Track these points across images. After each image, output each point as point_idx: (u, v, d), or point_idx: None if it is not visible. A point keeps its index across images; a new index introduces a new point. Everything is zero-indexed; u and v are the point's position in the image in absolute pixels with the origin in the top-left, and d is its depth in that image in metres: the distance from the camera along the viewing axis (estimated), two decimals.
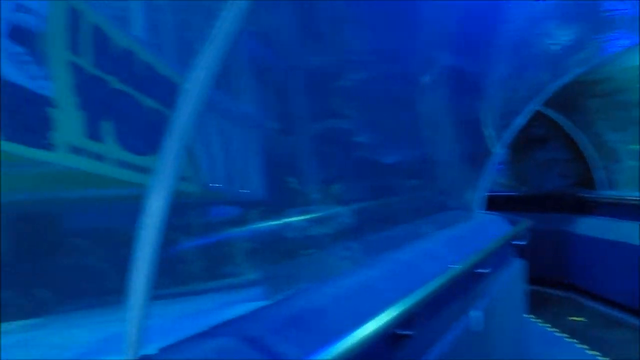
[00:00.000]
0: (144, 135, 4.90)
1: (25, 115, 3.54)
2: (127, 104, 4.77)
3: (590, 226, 13.96)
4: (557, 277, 14.71)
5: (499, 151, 9.99)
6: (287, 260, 4.17)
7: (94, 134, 4.20)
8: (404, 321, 3.21)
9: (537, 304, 11.74)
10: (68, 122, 3.90)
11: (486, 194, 9.71)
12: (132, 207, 7.19)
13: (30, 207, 6.29)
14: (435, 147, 7.95)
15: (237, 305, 3.28)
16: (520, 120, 11.17)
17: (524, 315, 9.37)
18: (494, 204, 11.05)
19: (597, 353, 10.23)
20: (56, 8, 3.94)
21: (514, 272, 8.53)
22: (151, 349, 2.56)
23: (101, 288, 7.07)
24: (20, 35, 3.63)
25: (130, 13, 6.00)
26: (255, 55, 7.97)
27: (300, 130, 5.83)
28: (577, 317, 12.63)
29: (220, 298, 4.57)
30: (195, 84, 2.63)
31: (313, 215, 4.62)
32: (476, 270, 5.67)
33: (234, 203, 5.48)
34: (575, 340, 11.04)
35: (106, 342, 3.59)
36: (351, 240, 4.83)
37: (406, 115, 7.05)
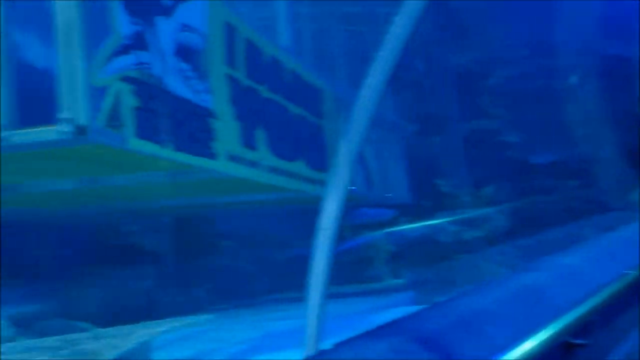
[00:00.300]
0: (292, 142, 5.10)
1: (190, 127, 3.85)
2: (276, 112, 5.00)
3: None
4: None
5: None
6: (439, 264, 4.08)
7: (248, 143, 4.46)
8: (579, 330, 2.95)
9: None
10: (226, 131, 4.18)
11: None
12: (279, 210, 7.51)
13: (188, 211, 6.86)
14: (594, 144, 7.29)
15: (393, 307, 3.26)
16: None
17: None
18: None
19: None
20: (215, 25, 4.25)
21: None
22: (327, 345, 2.63)
23: (249, 289, 7.47)
24: (185, 53, 3.96)
25: (276, 23, 6.29)
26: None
27: (447, 131, 5.68)
28: None
29: (373, 300, 4.60)
30: (367, 94, 2.64)
31: (464, 218, 4.46)
32: None
33: (379, 206, 5.49)
34: None
35: (267, 339, 3.76)
36: (505, 244, 4.60)
37: (560, 111, 6.55)
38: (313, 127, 5.59)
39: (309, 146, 5.40)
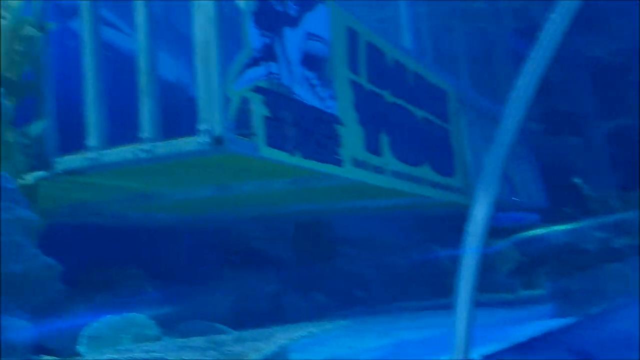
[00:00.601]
0: (417, 146, 5.04)
1: (317, 134, 3.94)
2: (400, 116, 4.97)
3: None
4: None
5: None
6: (583, 273, 3.78)
7: (373, 148, 4.48)
8: None
9: None
10: (351, 137, 4.23)
11: None
12: (399, 215, 7.41)
13: (309, 217, 7.03)
14: None
15: (536, 318, 3.08)
16: None
17: None
18: None
19: None
20: (337, 31, 4.32)
21: None
22: (475, 355, 2.55)
23: (370, 294, 7.47)
24: (310, 61, 4.07)
25: (394, 24, 6.26)
26: (520, 53, 7.55)
27: (585, 130, 5.28)
28: None
29: (511, 310, 4.39)
30: (518, 96, 2.53)
31: (611, 223, 4.10)
32: None
33: (517, 210, 5.23)
34: None
35: (400, 348, 3.72)
36: None
37: None
38: (438, 130, 5.48)
39: (434, 150, 5.30)
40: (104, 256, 5.77)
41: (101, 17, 4.26)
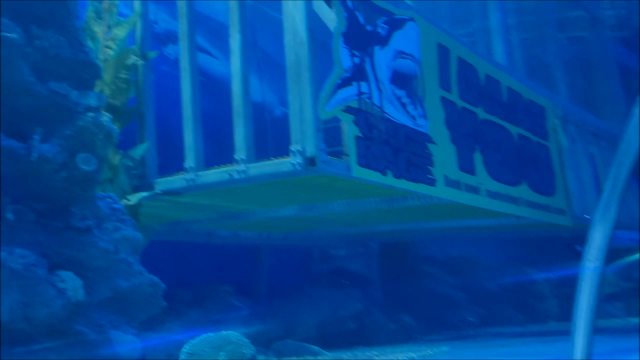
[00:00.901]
0: (514, 165, 4.89)
1: (409, 153, 3.92)
2: (494, 134, 4.84)
3: None
4: None
5: None
6: None
7: (466, 167, 4.39)
8: None
9: None
10: (444, 156, 4.17)
11: None
12: (487, 236, 7.13)
13: (395, 236, 6.97)
14: None
15: None
16: None
17: None
18: None
19: None
20: (428, 48, 4.30)
21: None
22: None
23: (459, 318, 7.25)
24: (401, 79, 4.07)
25: (480, 38, 6.13)
26: (623, 63, 7.14)
27: None
28: None
29: (616, 339, 4.11)
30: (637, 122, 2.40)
31: None
32: None
33: (622, 229, 4.91)
34: None
35: None
36: None
37: None
38: (536, 147, 5.28)
39: (532, 168, 5.10)
40: (193, 273, 6.02)
41: (197, 43, 4.49)
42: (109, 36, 4.21)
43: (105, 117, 3.08)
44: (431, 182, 4.00)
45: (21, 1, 2.91)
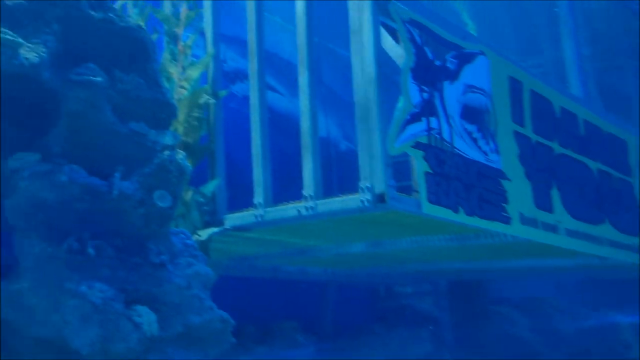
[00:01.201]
0: (594, 202, 4.67)
1: (481, 190, 3.84)
2: (572, 169, 4.66)
3: None
4: None
5: None
6: None
7: (543, 204, 4.23)
8: None
9: None
10: (519, 193, 4.05)
11: None
12: (567, 276, 6.79)
13: (465, 275, 6.77)
14: None
15: None
16: None
17: None
18: None
19: None
20: (499, 82, 4.24)
21: None
22: None
23: None
24: (471, 113, 4.02)
25: (550, 69, 5.98)
26: None
27: None
28: None
29: None
30: None
31: None
32: None
33: None
34: None
35: None
36: None
37: None
38: (618, 183, 5.04)
39: (615, 206, 4.86)
40: (260, 308, 6.07)
41: (266, 81, 4.63)
42: (183, 77, 4.42)
43: (180, 154, 3.21)
44: (506, 220, 3.88)
45: (106, 47, 3.12)
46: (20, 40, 2.65)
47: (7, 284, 2.70)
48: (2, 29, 2.61)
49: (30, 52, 2.66)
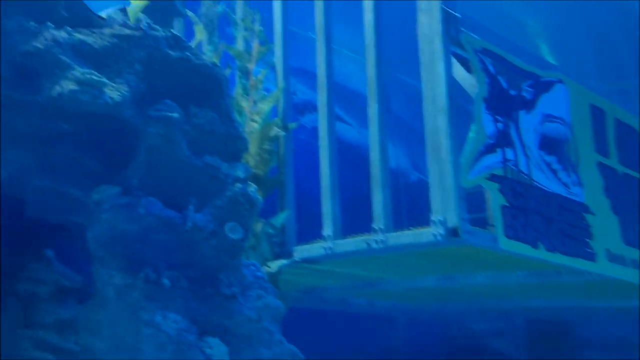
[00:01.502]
0: None
1: (563, 224, 3.66)
2: None
3: None
4: None
5: None
6: None
7: (631, 239, 3.98)
8: None
9: None
10: (604, 227, 3.83)
11: None
12: None
13: (543, 313, 6.43)
14: None
15: None
16: None
17: None
18: None
19: None
20: (580, 111, 4.07)
21: None
22: None
23: None
24: (550, 144, 3.87)
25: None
26: None
27: None
28: None
29: None
30: None
31: None
32: None
33: None
34: None
35: None
36: None
37: None
38: None
39: None
40: (327, 341, 6.01)
41: (335, 112, 4.68)
42: (255, 110, 4.54)
43: (251, 187, 3.27)
44: (591, 257, 3.67)
45: (182, 83, 3.26)
46: (105, 80, 2.81)
47: (87, 311, 2.81)
48: (89, 70, 2.78)
49: (114, 92, 2.81)
